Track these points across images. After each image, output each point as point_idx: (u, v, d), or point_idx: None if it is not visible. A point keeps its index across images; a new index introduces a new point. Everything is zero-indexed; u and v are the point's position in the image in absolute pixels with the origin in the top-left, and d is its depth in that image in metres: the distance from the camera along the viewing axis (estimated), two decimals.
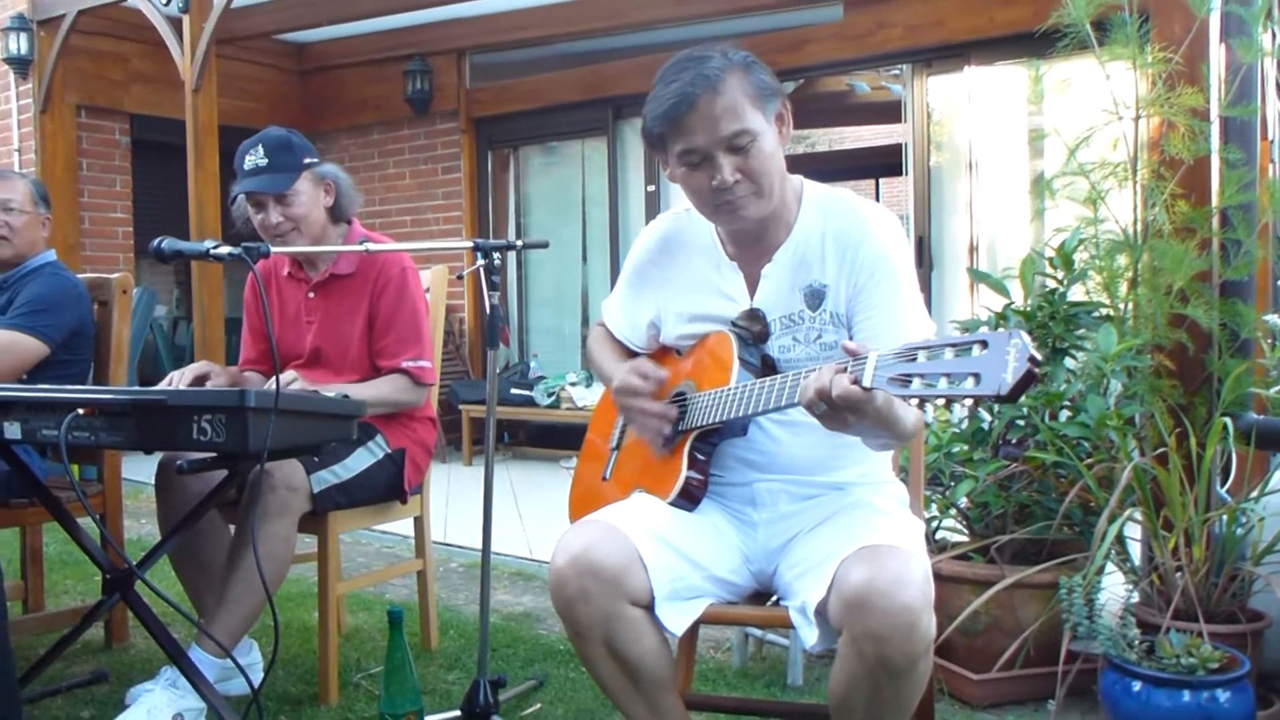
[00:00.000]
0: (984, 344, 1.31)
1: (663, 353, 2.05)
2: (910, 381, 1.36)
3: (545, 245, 2.39)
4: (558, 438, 6.82)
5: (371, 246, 2.30)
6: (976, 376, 1.30)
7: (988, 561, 2.68)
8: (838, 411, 1.49)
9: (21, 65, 6.75)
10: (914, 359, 1.37)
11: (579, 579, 1.66)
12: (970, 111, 5.62)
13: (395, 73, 7.41)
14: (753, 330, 1.85)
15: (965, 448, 2.83)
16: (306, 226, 2.65)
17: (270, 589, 2.20)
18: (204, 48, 5.68)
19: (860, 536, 1.63)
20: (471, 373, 7.26)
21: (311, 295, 2.75)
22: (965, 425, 2.83)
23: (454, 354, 7.13)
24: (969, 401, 1.31)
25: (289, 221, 2.63)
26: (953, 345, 1.35)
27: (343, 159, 7.78)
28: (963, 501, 2.81)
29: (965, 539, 2.84)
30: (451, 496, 5.30)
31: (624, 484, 1.97)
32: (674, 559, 1.74)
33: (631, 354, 2.10)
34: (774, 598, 1.87)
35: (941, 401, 1.33)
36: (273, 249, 2.14)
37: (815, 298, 1.82)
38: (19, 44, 6.67)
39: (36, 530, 3.33)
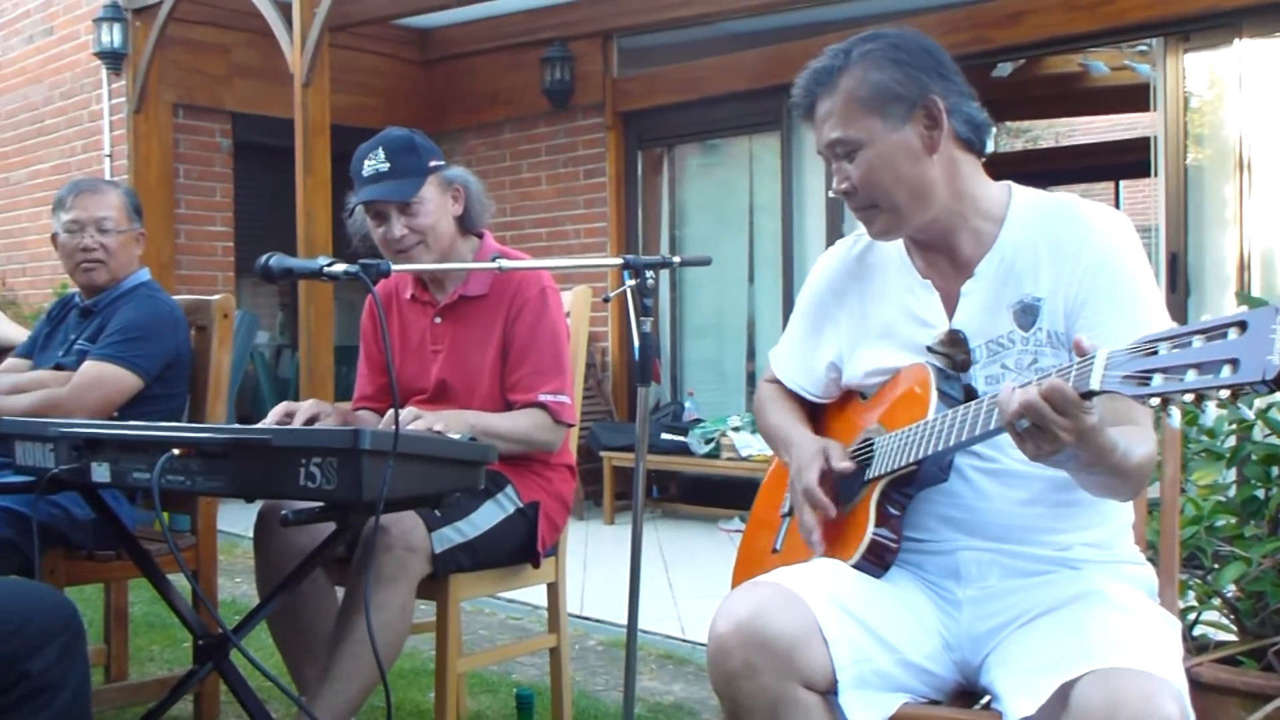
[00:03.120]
0: (1241, 325, 1.30)
1: (845, 399, 2.07)
2: (1150, 379, 1.35)
3: (707, 262, 2.41)
4: (716, 493, 6.83)
5: (506, 264, 2.37)
6: (1234, 363, 1.28)
7: (1263, 668, 2.57)
8: (1046, 427, 1.47)
9: (114, 59, 7.25)
10: (1154, 353, 1.37)
11: (744, 650, 1.66)
12: (1241, 96, 5.40)
13: (531, 61, 7.63)
14: (954, 358, 1.85)
15: (1233, 521, 2.72)
16: (434, 239, 2.75)
17: (384, 665, 2.28)
18: (315, 36, 5.98)
19: (1096, 646, 1.59)
20: (615, 414, 7.34)
21: (438, 320, 2.84)
22: (1233, 493, 2.72)
23: (595, 391, 7.23)
24: (1224, 394, 1.30)
25: (414, 234, 2.73)
26: (1202, 331, 1.34)
27: (469, 162, 8.03)
28: (1230, 590, 2.70)
29: (1233, 638, 2.73)
30: (590, 561, 5.37)
31: (798, 556, 1.98)
32: (860, 636, 1.73)
33: (809, 407, 2.13)
34: (985, 699, 1.83)
35: (1190, 398, 1.32)
36: (394, 267, 2.23)
37: (1028, 315, 1.82)
38: (112, 36, 7.16)
39: (122, 587, 3.53)
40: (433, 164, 2.78)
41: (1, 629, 1.85)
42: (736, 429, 6.40)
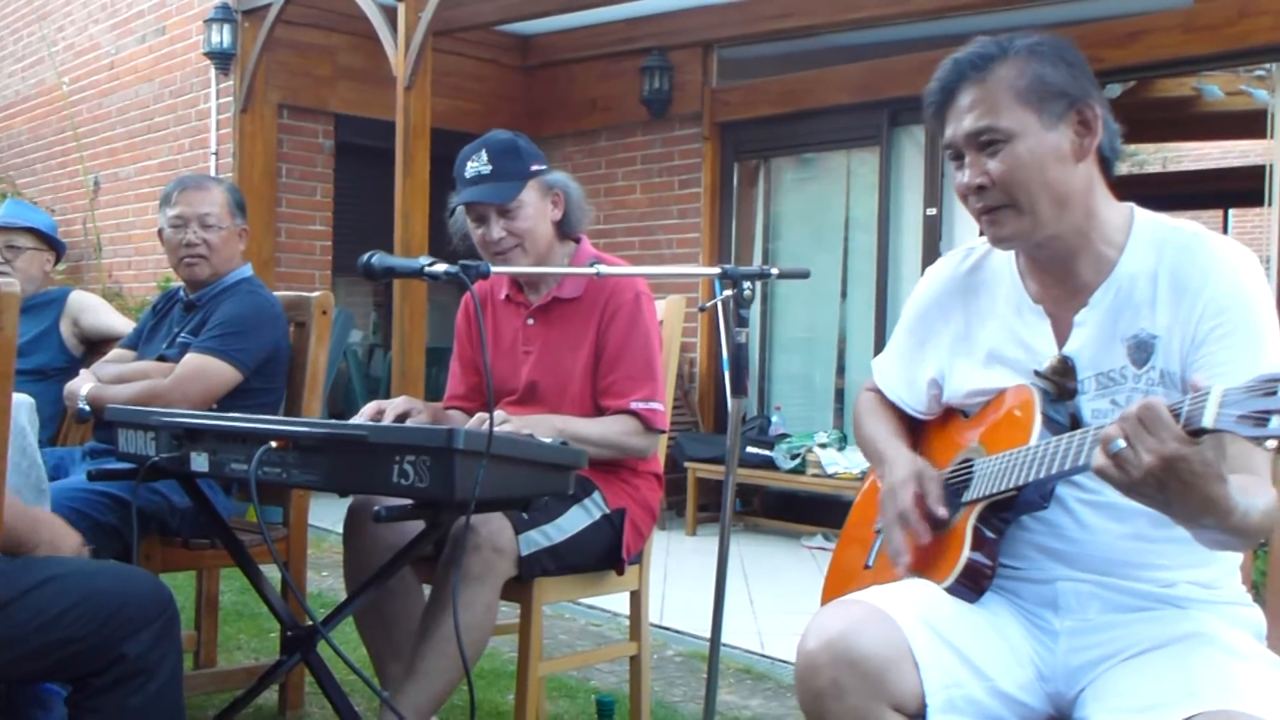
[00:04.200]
0: None
1: (946, 416, 2.04)
2: (1268, 420, 1.29)
3: (805, 275, 2.41)
4: (800, 509, 6.79)
5: (604, 269, 2.38)
6: None
7: None
8: (1134, 448, 1.41)
9: (223, 60, 7.43)
10: (1273, 393, 1.31)
11: (833, 668, 1.64)
12: None
13: (630, 69, 7.67)
14: (1062, 385, 1.81)
15: None
16: (531, 243, 2.78)
17: (468, 664, 2.30)
18: (419, 40, 6.08)
19: (1203, 688, 1.54)
20: (701, 424, 7.34)
21: (531, 322, 2.87)
22: None
23: (681, 401, 7.23)
24: None
25: (512, 237, 2.76)
26: None
27: (564, 169, 8.03)
28: None
29: None
30: (671, 571, 5.37)
31: (891, 574, 1.95)
32: (952, 660, 1.70)
33: (908, 420, 2.10)
34: None
35: None
36: (493, 269, 2.25)
37: (1141, 351, 1.76)
38: (221, 36, 7.34)
39: (214, 575, 3.60)
40: (534, 168, 2.81)
41: (100, 612, 1.90)
42: (823, 445, 6.35)
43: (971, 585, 1.81)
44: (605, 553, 2.76)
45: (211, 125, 7.66)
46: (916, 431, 2.10)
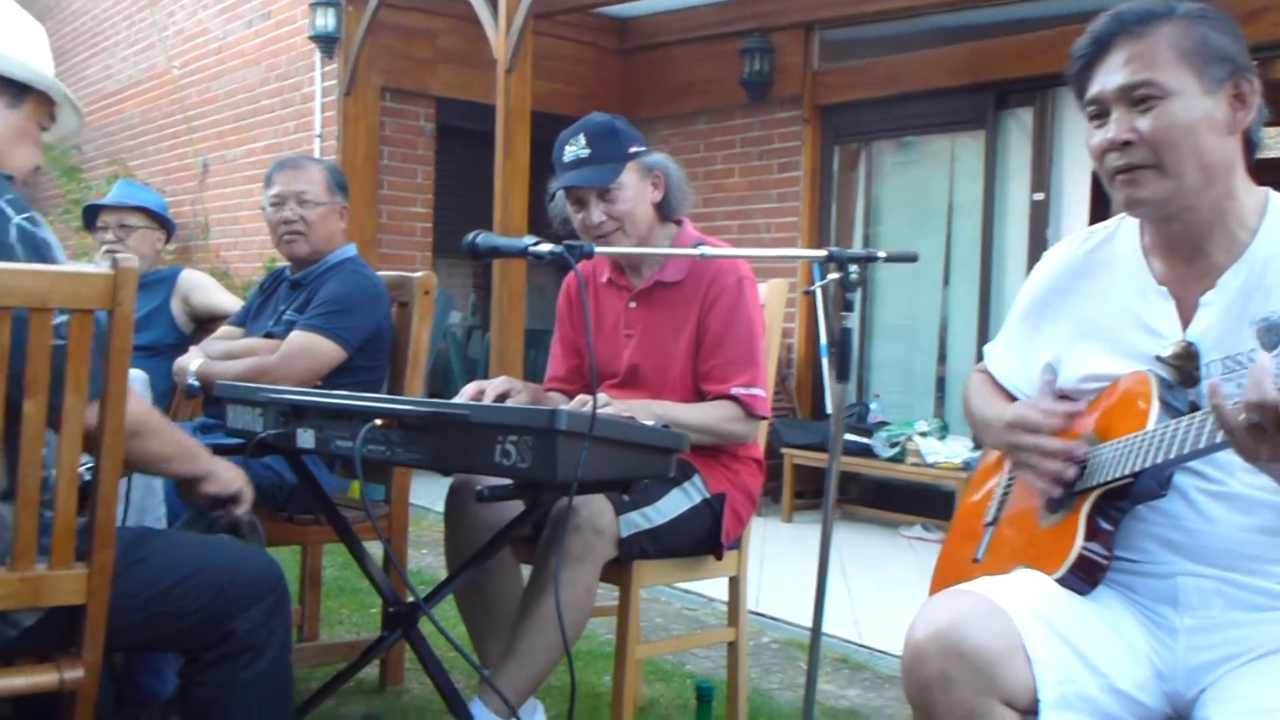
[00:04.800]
0: None
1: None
2: None
3: (913, 259, 2.35)
4: (898, 498, 6.71)
5: (708, 250, 2.35)
6: None
7: None
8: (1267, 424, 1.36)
9: (327, 43, 7.53)
10: None
11: (941, 659, 1.61)
12: None
13: (730, 51, 7.61)
14: (1185, 371, 1.74)
15: None
16: (632, 225, 2.76)
17: (569, 645, 2.29)
18: (520, 23, 6.09)
19: None
20: (799, 410, 7.28)
21: (632, 305, 2.85)
22: None
23: (779, 387, 7.18)
24: None
25: (612, 220, 2.75)
26: None
27: (662, 151, 8.05)
28: None
29: None
30: (766, 557, 5.34)
31: (1001, 567, 1.90)
32: (1066, 655, 1.65)
33: None
34: None
35: None
36: (597, 249, 2.24)
37: (1272, 335, 1.69)
38: (326, 20, 7.45)
39: (317, 551, 3.66)
40: (633, 150, 2.79)
41: (211, 587, 1.93)
42: (924, 434, 6.26)
43: (1085, 577, 1.75)
44: (704, 537, 2.74)
45: (316, 108, 7.77)
46: None
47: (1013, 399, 2.04)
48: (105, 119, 10.62)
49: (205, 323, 3.87)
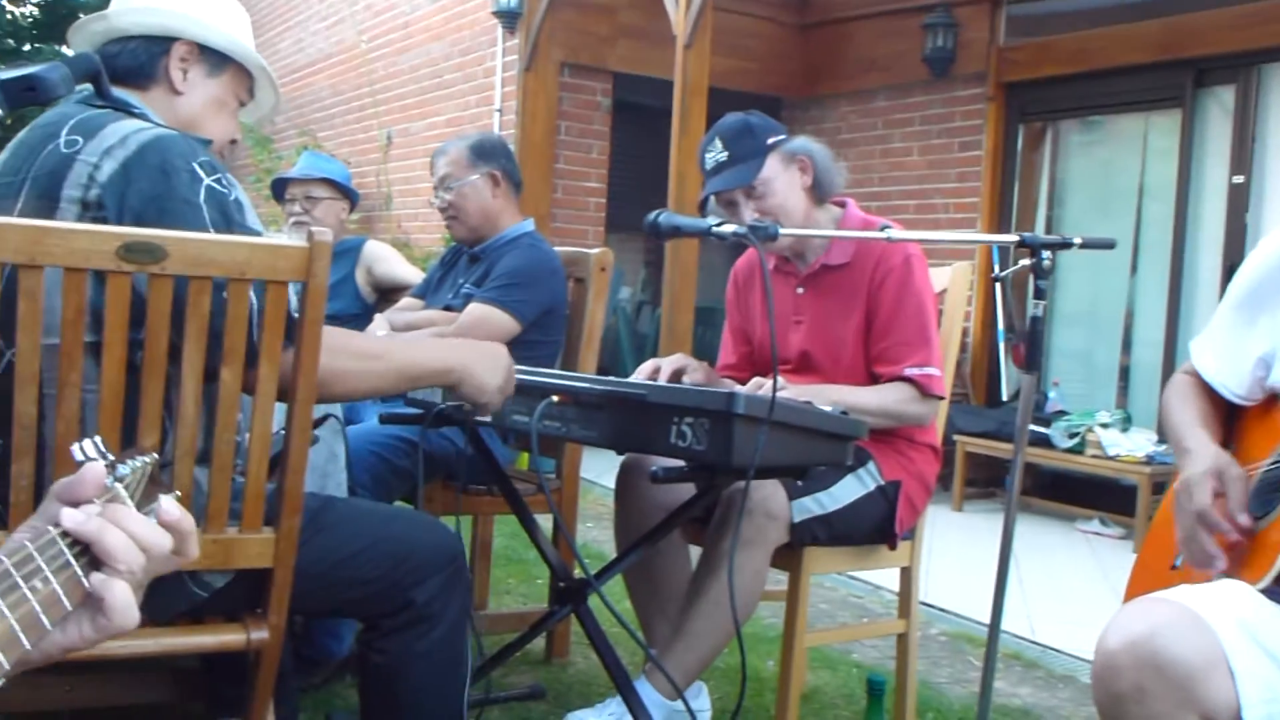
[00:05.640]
0: None
1: (1269, 404, 1.87)
2: None
3: (1111, 245, 2.24)
4: (1076, 491, 6.47)
5: (895, 234, 2.28)
6: None
7: None
8: None
9: (510, 19, 7.63)
10: None
11: (1137, 671, 1.53)
12: None
13: (912, 27, 7.43)
14: None
15: None
16: (786, 217, 2.69)
17: (739, 628, 2.27)
18: None
19: None
20: (972, 397, 7.10)
21: (800, 291, 2.80)
22: None
23: (953, 373, 7.01)
24: None
25: (767, 217, 2.68)
26: None
27: (839, 129, 7.94)
28: None
29: None
30: (935, 547, 5.22)
31: (1200, 576, 1.80)
32: (1273, 671, 1.55)
33: (1225, 408, 1.93)
34: None
35: None
36: (782, 230, 2.19)
37: None
38: None
39: (488, 521, 3.71)
40: (771, 141, 2.72)
41: (391, 556, 1.96)
42: (1105, 425, 6.02)
43: None
44: (877, 526, 2.68)
45: (496, 83, 7.88)
46: (1234, 420, 1.93)
47: (1219, 401, 1.93)
48: (296, 92, 10.99)
49: (388, 293, 3.96)
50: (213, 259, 1.68)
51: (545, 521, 2.96)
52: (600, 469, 5.91)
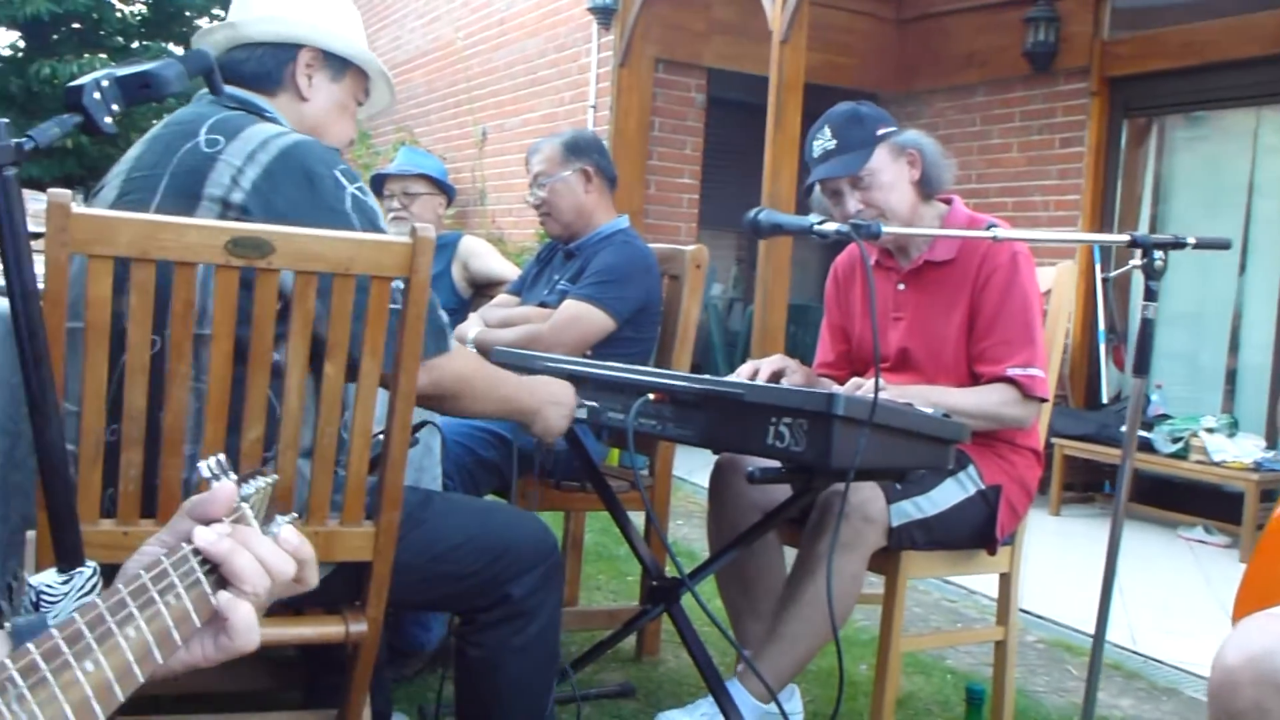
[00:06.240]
0: None
1: None
2: None
3: (1226, 246, 2.18)
4: (1178, 497, 6.30)
5: (1001, 233, 2.23)
6: None
7: None
8: None
9: (605, 15, 7.64)
10: None
11: (1256, 689, 1.47)
12: None
13: (1013, 21, 7.29)
14: None
15: None
16: (891, 211, 2.65)
17: (837, 632, 2.24)
18: None
19: None
20: (1071, 399, 6.95)
21: (901, 287, 2.76)
22: None
23: None
24: None
25: (871, 209, 2.65)
26: None
27: (936, 125, 7.82)
28: None
29: None
30: (1031, 552, 5.11)
31: None
32: None
33: None
34: None
35: None
36: (885, 229, 2.16)
37: None
38: None
39: (580, 517, 3.72)
40: (880, 132, 2.68)
41: (488, 551, 1.97)
42: (1210, 430, 5.86)
43: None
44: (976, 530, 2.63)
45: (591, 79, 7.90)
46: None
47: None
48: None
49: (483, 288, 3.98)
50: (319, 254, 1.70)
51: (637, 519, 2.96)
52: (692, 466, 5.89)
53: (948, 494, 2.57)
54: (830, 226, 2.10)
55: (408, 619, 2.95)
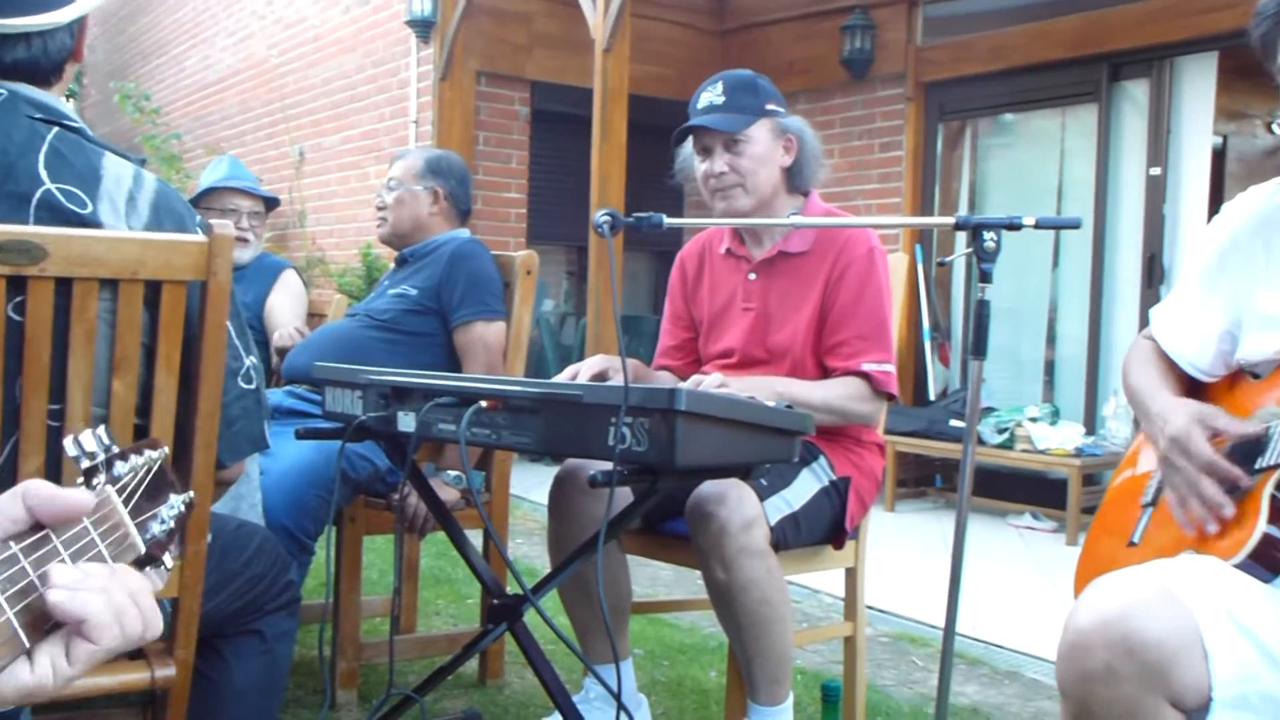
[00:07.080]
0: None
1: (1234, 380, 1.78)
2: None
3: (1076, 225, 2.15)
4: (1006, 487, 6.44)
5: (798, 220, 2.17)
6: None
7: None
8: None
9: (424, 28, 7.47)
10: None
11: (1107, 652, 1.41)
12: None
13: (830, 29, 7.40)
14: None
15: None
16: (754, 184, 2.59)
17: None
18: (619, 2, 5.94)
19: None
20: (899, 396, 7.06)
21: (752, 277, 2.68)
22: None
23: None
24: None
25: (734, 174, 2.58)
26: None
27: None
28: None
29: None
30: (869, 547, 5.14)
31: (1163, 552, 1.70)
32: (1249, 651, 1.45)
33: (1187, 382, 1.83)
34: None
35: None
36: (666, 221, 2.08)
37: None
38: (423, 5, 7.38)
39: (414, 540, 3.54)
40: (769, 107, 2.63)
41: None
42: (1034, 420, 6.01)
43: (1266, 563, 1.55)
44: (831, 524, 2.56)
45: (411, 94, 7.70)
46: (1198, 397, 1.83)
47: (1180, 374, 1.83)
48: (205, 109, 10.70)
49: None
50: (100, 257, 1.51)
51: (474, 538, 2.81)
52: (528, 484, 5.76)
53: (807, 485, 2.49)
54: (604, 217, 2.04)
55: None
